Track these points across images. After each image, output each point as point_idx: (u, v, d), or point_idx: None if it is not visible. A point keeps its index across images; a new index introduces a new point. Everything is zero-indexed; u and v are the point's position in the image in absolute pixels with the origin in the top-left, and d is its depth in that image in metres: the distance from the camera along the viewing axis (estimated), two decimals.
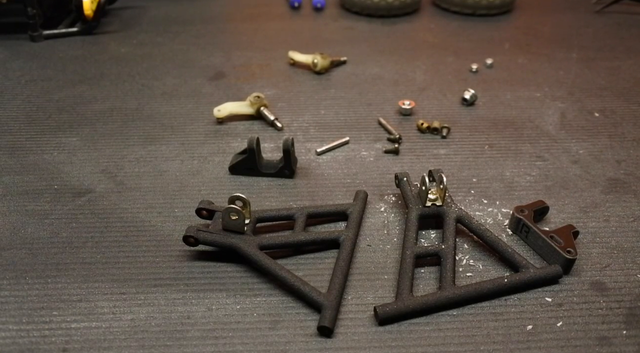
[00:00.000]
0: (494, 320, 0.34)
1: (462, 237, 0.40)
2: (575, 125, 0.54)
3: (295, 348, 0.32)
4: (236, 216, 0.37)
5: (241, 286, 0.36)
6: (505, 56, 0.68)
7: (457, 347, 0.33)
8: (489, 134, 0.53)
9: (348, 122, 0.55)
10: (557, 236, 0.38)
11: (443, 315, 0.34)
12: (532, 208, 0.40)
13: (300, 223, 0.39)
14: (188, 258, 0.38)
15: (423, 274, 0.38)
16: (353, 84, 0.62)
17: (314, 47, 0.69)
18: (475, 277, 0.37)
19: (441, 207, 0.40)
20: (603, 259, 0.39)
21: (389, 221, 0.42)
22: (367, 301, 0.35)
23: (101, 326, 0.33)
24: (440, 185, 0.40)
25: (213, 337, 0.33)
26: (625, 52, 0.68)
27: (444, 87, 0.61)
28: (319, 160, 0.49)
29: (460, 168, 0.48)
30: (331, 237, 0.39)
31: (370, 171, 0.48)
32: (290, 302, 0.35)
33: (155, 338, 0.33)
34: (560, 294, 0.36)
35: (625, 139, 0.52)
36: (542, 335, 0.33)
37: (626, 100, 0.59)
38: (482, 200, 0.44)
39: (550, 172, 0.48)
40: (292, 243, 0.38)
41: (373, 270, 0.38)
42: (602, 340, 0.33)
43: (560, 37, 0.74)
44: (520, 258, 0.37)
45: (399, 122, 0.55)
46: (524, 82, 0.62)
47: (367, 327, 0.34)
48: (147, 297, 0.35)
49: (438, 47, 0.71)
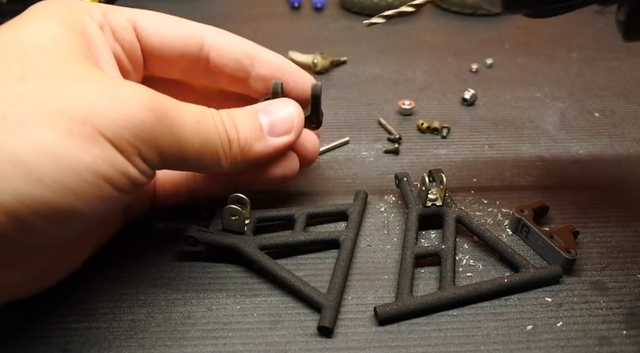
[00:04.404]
0: (494, 320, 0.34)
1: (462, 237, 0.40)
2: (575, 125, 0.54)
3: (295, 348, 0.32)
4: (236, 216, 0.37)
5: (241, 286, 0.36)
6: (505, 56, 0.68)
7: (457, 347, 0.33)
8: (489, 134, 0.53)
9: (348, 122, 0.55)
10: (557, 236, 0.38)
11: (443, 315, 0.34)
12: (532, 208, 0.40)
13: (300, 223, 0.39)
14: (188, 258, 0.38)
15: (423, 274, 0.38)
16: (353, 84, 0.62)
17: (314, 47, 0.69)
18: (475, 277, 0.37)
19: (441, 207, 0.40)
20: (603, 259, 0.39)
21: (389, 221, 0.42)
22: (367, 301, 0.35)
23: (101, 326, 0.33)
24: (440, 185, 0.40)
25: (213, 337, 0.33)
26: (625, 52, 0.68)
27: (444, 87, 0.61)
28: (319, 160, 0.49)
29: (460, 168, 0.48)
30: (331, 237, 0.39)
31: (370, 171, 0.48)
32: (290, 302, 0.35)
33: (155, 338, 0.33)
34: (560, 294, 0.36)
35: (625, 139, 0.52)
36: (542, 335, 0.33)
37: (626, 100, 0.59)
38: (482, 200, 0.44)
39: (550, 172, 0.48)
40: (292, 243, 0.38)
41: (373, 270, 0.38)
42: (602, 340, 0.33)
43: (560, 37, 0.74)
44: (520, 258, 0.37)
45: (399, 122, 0.55)
46: (524, 82, 0.62)
47: (367, 327, 0.34)
48: (147, 297, 0.35)
49: (438, 47, 0.71)
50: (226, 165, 0.34)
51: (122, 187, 0.28)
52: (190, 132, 0.31)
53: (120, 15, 0.35)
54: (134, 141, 0.28)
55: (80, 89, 0.27)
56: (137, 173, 0.29)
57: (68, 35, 0.30)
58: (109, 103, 0.27)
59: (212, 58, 0.38)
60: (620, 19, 0.34)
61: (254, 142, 0.34)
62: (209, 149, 0.32)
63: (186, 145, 0.31)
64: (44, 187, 0.25)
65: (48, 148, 0.25)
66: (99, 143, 0.27)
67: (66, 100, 0.27)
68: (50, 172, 0.25)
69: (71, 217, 0.27)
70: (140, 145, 0.28)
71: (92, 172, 0.26)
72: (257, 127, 0.35)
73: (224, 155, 0.33)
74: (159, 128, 0.29)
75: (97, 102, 0.27)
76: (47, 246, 0.30)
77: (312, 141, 0.39)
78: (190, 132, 0.31)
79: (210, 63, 0.38)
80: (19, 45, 0.29)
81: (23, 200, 0.25)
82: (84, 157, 0.26)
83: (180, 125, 0.30)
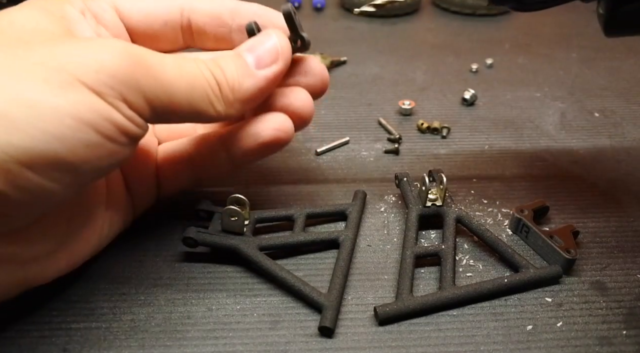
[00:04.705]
0: (494, 320, 0.34)
1: (462, 237, 0.40)
2: (575, 125, 0.54)
3: (295, 348, 0.32)
4: (235, 217, 0.37)
5: (241, 286, 0.36)
6: (505, 56, 0.68)
7: (457, 347, 0.33)
8: (489, 134, 0.53)
9: (348, 122, 0.55)
10: (557, 236, 0.38)
11: (443, 315, 0.34)
12: (532, 208, 0.40)
13: (299, 223, 0.39)
14: (188, 258, 0.38)
15: (423, 274, 0.38)
16: (353, 84, 0.62)
17: (314, 47, 0.69)
18: (475, 277, 0.37)
19: (441, 207, 0.40)
20: (603, 259, 0.39)
21: (389, 221, 0.42)
22: (367, 301, 0.35)
23: (101, 326, 0.33)
24: (440, 185, 0.40)
25: (213, 337, 0.33)
26: (625, 52, 0.68)
27: (444, 87, 0.61)
28: (319, 160, 0.49)
29: (460, 168, 0.48)
30: (331, 237, 0.39)
31: (370, 171, 0.48)
32: (290, 302, 0.35)
33: (155, 338, 0.33)
34: (560, 294, 0.36)
35: (625, 139, 0.52)
36: (542, 335, 0.33)
37: (626, 100, 0.59)
38: (482, 200, 0.44)
39: (550, 172, 0.48)
40: (292, 243, 0.38)
41: (373, 270, 0.38)
42: (602, 340, 0.33)
43: (560, 37, 0.74)
44: (520, 258, 0.37)
45: (399, 122, 0.55)
46: (524, 82, 0.62)
47: (367, 327, 0.34)
48: (147, 297, 0.35)
49: (438, 47, 0.71)
50: (221, 108, 0.33)
51: (111, 135, 0.28)
52: (174, 76, 0.30)
53: (100, 0, 0.36)
54: (113, 84, 0.28)
55: (56, 45, 0.28)
56: (124, 119, 0.28)
57: (47, 20, 0.31)
58: (84, 51, 0.28)
59: (193, 20, 0.38)
60: (600, 13, 0.34)
61: (243, 80, 0.34)
62: (198, 91, 0.32)
63: (172, 90, 0.30)
64: (24, 135, 0.25)
65: (24, 96, 0.25)
66: (76, 88, 0.27)
67: (41, 53, 0.27)
68: (28, 118, 0.25)
69: (60, 167, 0.27)
70: (120, 89, 0.28)
71: (72, 116, 0.26)
72: (243, 65, 0.34)
73: (216, 98, 0.33)
74: (139, 71, 0.29)
75: (71, 52, 0.27)
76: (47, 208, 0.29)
77: (301, 98, 0.37)
78: (174, 77, 0.30)
79: (192, 26, 0.38)
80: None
81: (4, 149, 0.25)
82: (61, 102, 0.26)
83: (161, 69, 0.30)
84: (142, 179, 0.38)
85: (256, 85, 0.34)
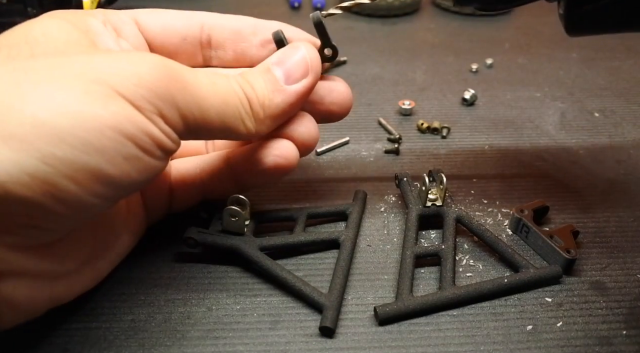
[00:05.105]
0: (494, 320, 0.34)
1: (462, 237, 0.40)
2: (575, 125, 0.54)
3: (295, 348, 0.32)
4: (236, 217, 0.37)
5: (241, 286, 0.36)
6: (505, 56, 0.68)
7: (457, 347, 0.33)
8: (489, 134, 0.53)
9: (348, 122, 0.54)
10: (557, 236, 0.38)
11: (443, 315, 0.34)
12: (532, 208, 0.40)
13: (300, 223, 0.39)
14: (188, 258, 0.38)
15: (423, 274, 0.38)
16: (353, 84, 0.62)
17: None
18: (475, 277, 0.37)
19: (441, 207, 0.40)
20: (603, 259, 0.39)
21: (389, 221, 0.42)
22: (367, 301, 0.35)
23: (101, 326, 0.33)
24: (440, 185, 0.40)
25: (213, 337, 0.33)
26: (625, 52, 0.68)
27: (444, 87, 0.61)
28: (319, 160, 0.49)
29: (460, 168, 0.48)
30: (331, 238, 0.39)
31: (370, 171, 0.48)
32: (291, 302, 0.35)
33: (155, 338, 0.33)
34: (560, 294, 0.36)
35: (625, 139, 0.52)
36: (542, 335, 0.33)
37: (626, 100, 0.59)
38: (482, 200, 0.44)
39: (550, 172, 0.48)
40: (292, 244, 0.38)
41: (373, 270, 0.38)
42: (602, 340, 0.33)
43: (560, 37, 0.74)
44: (520, 258, 0.37)
45: (399, 122, 0.55)
46: (524, 82, 0.62)
47: (367, 327, 0.34)
48: (147, 297, 0.35)
49: (438, 47, 0.71)
50: (251, 125, 0.33)
51: (149, 149, 0.28)
52: (207, 92, 0.30)
53: (120, 14, 0.36)
54: (151, 98, 0.27)
55: (93, 56, 0.28)
56: (161, 134, 0.28)
57: (74, 31, 0.31)
58: (121, 64, 0.27)
59: (214, 35, 0.38)
60: (560, 13, 0.34)
61: (273, 96, 0.33)
62: (230, 108, 0.31)
63: (206, 106, 0.30)
64: (67, 146, 0.25)
65: (66, 106, 0.25)
66: (116, 100, 0.26)
67: (78, 64, 0.27)
68: (71, 129, 0.25)
69: (100, 179, 0.26)
70: (158, 103, 0.28)
71: (113, 128, 0.26)
72: (272, 80, 0.34)
73: (247, 115, 0.32)
74: (174, 86, 0.28)
75: (110, 64, 0.27)
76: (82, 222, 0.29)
77: (306, 125, 0.37)
78: (208, 93, 0.30)
79: (212, 42, 0.38)
80: (28, 35, 0.29)
81: (47, 160, 0.24)
82: (103, 113, 0.26)
83: (196, 85, 0.30)
84: (158, 196, 0.38)
85: (287, 101, 0.34)
